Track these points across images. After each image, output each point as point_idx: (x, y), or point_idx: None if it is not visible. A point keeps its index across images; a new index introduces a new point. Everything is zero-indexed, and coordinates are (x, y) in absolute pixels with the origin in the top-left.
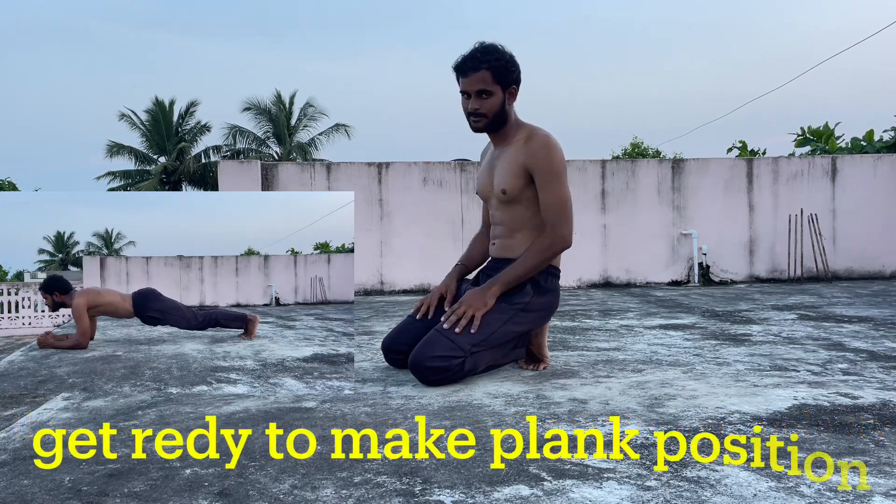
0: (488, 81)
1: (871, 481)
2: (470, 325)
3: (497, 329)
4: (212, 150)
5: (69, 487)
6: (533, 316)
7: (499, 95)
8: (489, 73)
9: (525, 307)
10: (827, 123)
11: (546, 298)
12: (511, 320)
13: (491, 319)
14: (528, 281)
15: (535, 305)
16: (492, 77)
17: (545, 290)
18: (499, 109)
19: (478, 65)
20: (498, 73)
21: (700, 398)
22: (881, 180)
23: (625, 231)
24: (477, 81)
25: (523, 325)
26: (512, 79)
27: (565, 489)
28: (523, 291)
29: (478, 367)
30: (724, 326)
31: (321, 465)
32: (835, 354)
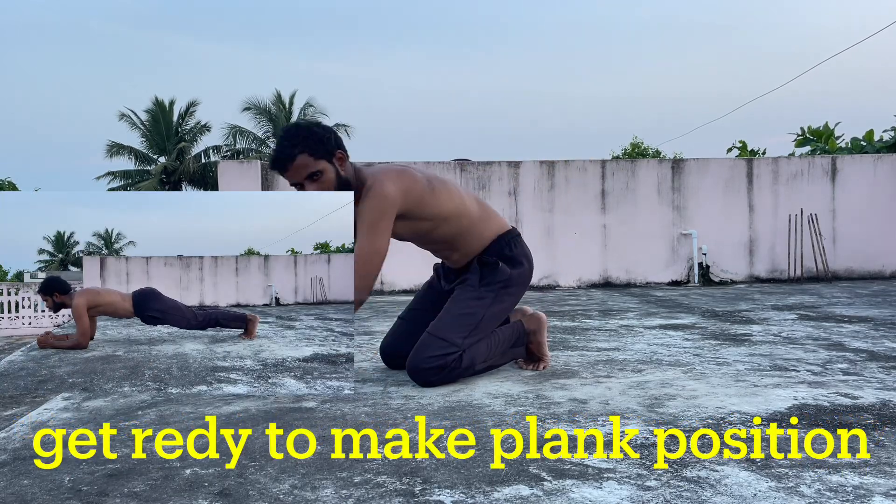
0: (311, 163)
1: (871, 481)
2: (457, 321)
3: (484, 315)
4: (212, 150)
5: (69, 487)
6: (514, 289)
7: (329, 169)
8: (307, 156)
9: (506, 283)
10: (827, 123)
11: (522, 268)
12: (496, 301)
13: (475, 307)
14: (497, 256)
15: (515, 279)
16: (312, 157)
17: (516, 258)
18: (336, 183)
19: (292, 153)
20: (315, 149)
21: (700, 398)
22: (881, 180)
23: (625, 231)
24: (300, 169)
25: (508, 301)
26: (332, 147)
27: (565, 489)
28: (499, 269)
29: (475, 361)
30: (724, 326)
31: (321, 465)
32: (835, 354)
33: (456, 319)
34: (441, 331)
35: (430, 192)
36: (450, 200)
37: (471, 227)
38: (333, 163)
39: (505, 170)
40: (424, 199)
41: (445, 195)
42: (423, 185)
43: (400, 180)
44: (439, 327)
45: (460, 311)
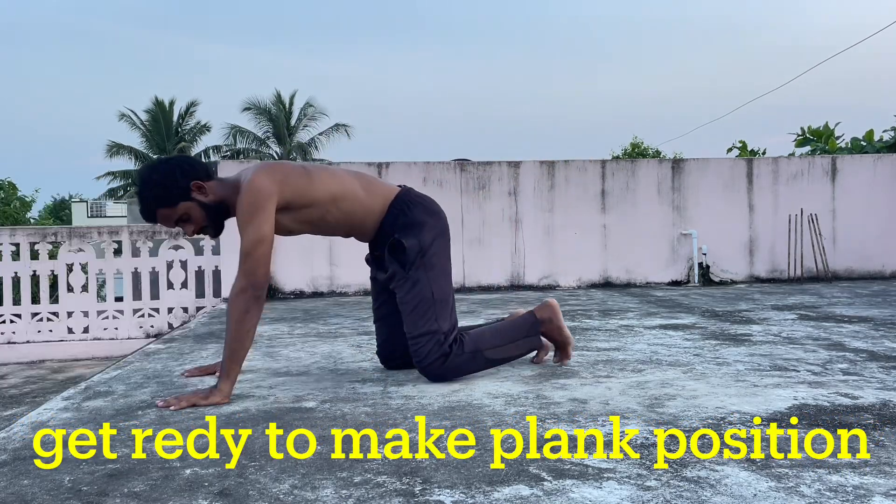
0: (171, 212)
1: (871, 481)
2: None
3: (431, 292)
4: (212, 150)
5: (69, 487)
6: (435, 249)
7: (193, 208)
8: (164, 208)
9: (423, 252)
10: (827, 123)
11: (427, 225)
12: (428, 272)
13: (419, 293)
14: (396, 229)
15: (427, 242)
16: (168, 207)
17: (415, 221)
18: (207, 213)
19: (150, 209)
20: (166, 200)
21: (700, 398)
22: (881, 180)
23: (625, 231)
24: (166, 220)
25: (439, 261)
26: (180, 188)
27: (565, 489)
28: (407, 248)
29: (481, 346)
30: (724, 326)
31: (321, 465)
32: (835, 354)
33: (415, 314)
34: (415, 329)
35: (307, 178)
36: (331, 183)
37: (359, 205)
38: (193, 198)
39: (505, 170)
40: (302, 185)
41: (326, 177)
42: (297, 173)
43: (272, 171)
44: (411, 328)
45: (412, 306)
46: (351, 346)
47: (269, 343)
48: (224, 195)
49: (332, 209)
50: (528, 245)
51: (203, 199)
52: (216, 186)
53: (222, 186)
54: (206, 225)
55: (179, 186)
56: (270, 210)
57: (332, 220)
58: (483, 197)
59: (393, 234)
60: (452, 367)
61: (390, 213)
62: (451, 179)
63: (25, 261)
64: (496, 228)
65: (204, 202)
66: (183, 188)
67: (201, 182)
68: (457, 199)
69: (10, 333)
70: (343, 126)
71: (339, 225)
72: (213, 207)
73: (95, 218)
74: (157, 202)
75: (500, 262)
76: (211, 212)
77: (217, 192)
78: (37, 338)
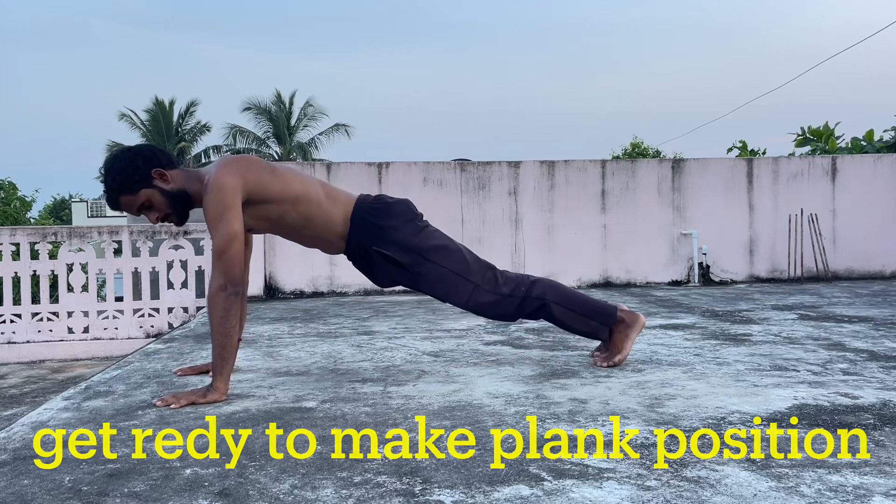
0: (133, 199)
1: (871, 481)
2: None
3: (446, 270)
4: (212, 150)
5: (69, 487)
6: (418, 239)
7: (154, 195)
8: (126, 195)
9: (410, 250)
10: (827, 123)
11: (397, 231)
12: (433, 260)
13: (437, 277)
14: (366, 237)
15: (407, 239)
16: (130, 194)
17: (387, 227)
18: (169, 201)
19: (113, 198)
20: (127, 187)
21: (700, 398)
22: (881, 180)
23: (625, 231)
24: (129, 207)
25: (431, 243)
26: (141, 174)
27: (565, 489)
28: (394, 259)
29: (547, 296)
30: (724, 326)
31: (321, 465)
32: (835, 354)
33: (451, 292)
34: (462, 298)
35: (270, 174)
36: (294, 182)
37: (318, 210)
38: (154, 185)
39: (505, 170)
40: (264, 180)
41: (290, 177)
42: (260, 168)
43: (235, 165)
44: (459, 301)
45: (442, 290)
46: (351, 346)
47: (269, 343)
48: (187, 185)
49: (290, 210)
50: (528, 245)
51: (164, 187)
52: (179, 175)
53: (186, 176)
54: (169, 213)
55: (140, 173)
56: (237, 205)
57: (290, 221)
58: (483, 197)
59: (370, 248)
60: (514, 307)
61: (358, 224)
62: (451, 179)
63: (25, 261)
64: (496, 228)
65: (165, 189)
66: (144, 175)
67: (162, 170)
68: (457, 199)
69: (10, 333)
70: (343, 126)
71: (298, 228)
72: (175, 195)
73: (95, 218)
74: (119, 189)
75: (501, 262)
76: (173, 199)
77: (180, 181)
78: (37, 338)
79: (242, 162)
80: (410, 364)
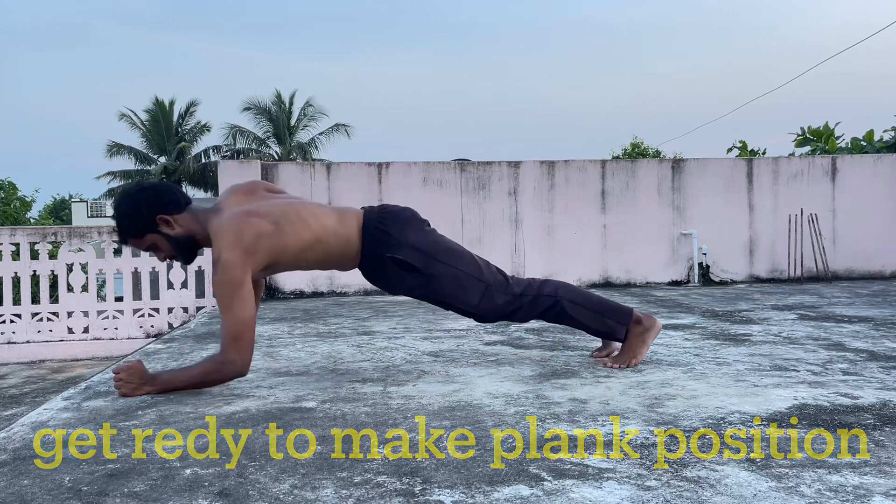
0: (140, 242)
1: (871, 481)
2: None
3: (456, 272)
4: (212, 149)
5: (69, 487)
6: (427, 243)
7: (160, 240)
8: (133, 238)
9: (422, 252)
10: (827, 123)
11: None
12: (445, 262)
13: (449, 279)
14: (382, 250)
15: (418, 243)
16: (137, 238)
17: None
18: (174, 246)
19: (122, 238)
20: (134, 232)
21: (700, 398)
22: (881, 180)
23: (625, 231)
24: (136, 246)
25: (440, 246)
26: (146, 221)
27: (565, 489)
28: (408, 263)
29: (562, 295)
30: (724, 326)
31: (321, 465)
32: (835, 354)
33: (462, 294)
34: (474, 301)
35: (277, 234)
36: (303, 230)
37: (336, 239)
38: (160, 231)
39: (505, 170)
40: (272, 245)
41: (298, 227)
42: (267, 231)
43: (240, 240)
44: (471, 304)
45: (453, 293)
46: (351, 346)
47: (269, 343)
48: (194, 230)
49: (306, 255)
50: (528, 245)
51: (169, 233)
52: (185, 219)
53: (194, 219)
54: (177, 254)
55: (144, 220)
56: (247, 283)
57: (305, 263)
58: (483, 197)
59: (383, 255)
60: (527, 304)
61: (369, 241)
62: (451, 179)
63: (25, 261)
64: (496, 228)
65: (171, 235)
66: (148, 221)
67: (167, 217)
68: (457, 199)
69: (10, 333)
70: (343, 126)
71: (314, 264)
72: (180, 241)
73: (95, 218)
74: (125, 232)
75: (501, 262)
76: (178, 244)
77: (186, 225)
78: (37, 338)
79: (251, 236)
80: (410, 364)
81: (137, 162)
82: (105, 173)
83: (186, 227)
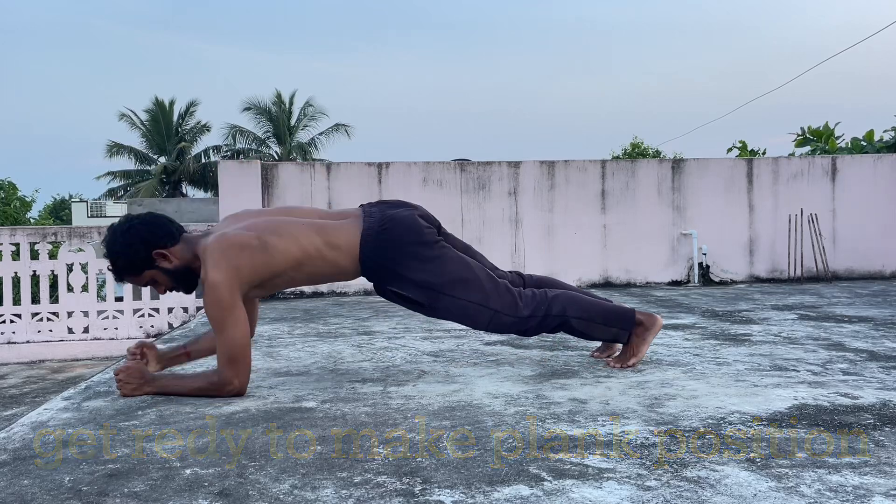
0: (138, 278)
1: (871, 481)
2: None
3: (465, 303)
4: (212, 150)
5: (69, 487)
6: (432, 271)
7: (157, 273)
8: (130, 276)
9: (427, 287)
10: (827, 123)
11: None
12: (451, 294)
13: (458, 310)
14: (382, 266)
15: (424, 274)
16: (134, 275)
17: (392, 263)
18: (173, 279)
19: (119, 277)
20: (130, 269)
21: (700, 398)
22: (881, 180)
23: (625, 231)
24: (135, 283)
25: (446, 274)
26: (142, 258)
27: (565, 489)
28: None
29: (569, 312)
30: (724, 326)
31: (321, 465)
32: (835, 354)
33: (471, 320)
34: (483, 325)
35: (264, 252)
36: (292, 248)
37: (324, 262)
38: (157, 266)
39: (505, 170)
40: (259, 263)
41: (286, 243)
42: (252, 249)
43: (226, 259)
44: (481, 327)
45: (463, 318)
46: (351, 346)
47: (269, 343)
48: (189, 259)
49: (295, 274)
50: (528, 245)
51: (167, 267)
52: (181, 250)
53: (187, 248)
54: (177, 284)
55: (141, 257)
56: (237, 303)
57: (297, 282)
58: (483, 197)
59: (386, 289)
60: (535, 325)
61: (365, 269)
62: (451, 179)
63: (25, 261)
64: (496, 228)
65: (169, 269)
66: (145, 258)
67: (163, 251)
68: (457, 199)
69: (10, 333)
70: (343, 126)
71: (307, 281)
72: (178, 273)
73: (95, 218)
74: (122, 271)
75: (501, 262)
76: (176, 277)
77: (182, 255)
78: (37, 338)
79: (234, 250)
80: (410, 364)
81: (137, 162)
82: (105, 173)
83: (182, 257)
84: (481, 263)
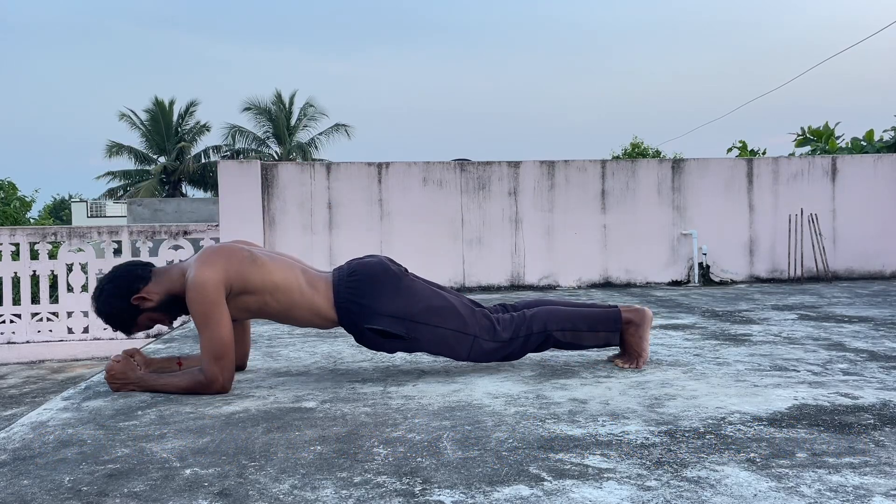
0: (140, 326)
1: (871, 481)
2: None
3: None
4: (212, 150)
5: (69, 487)
6: (404, 305)
7: (150, 314)
8: (132, 327)
9: (401, 318)
10: (827, 123)
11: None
12: (427, 323)
13: (435, 340)
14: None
15: (396, 308)
16: (133, 325)
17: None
18: (163, 309)
19: (126, 333)
20: (128, 322)
21: (700, 398)
22: (881, 180)
23: (625, 231)
24: (142, 329)
25: (419, 307)
26: (124, 309)
27: (565, 489)
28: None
29: (550, 327)
30: (725, 326)
31: (321, 465)
32: (835, 354)
33: (450, 349)
34: (462, 353)
35: (252, 263)
36: (275, 272)
37: (300, 298)
38: (144, 309)
39: (505, 170)
40: (244, 270)
41: (270, 266)
42: (241, 257)
43: (215, 257)
44: (461, 355)
45: (441, 349)
46: (351, 346)
47: (269, 343)
48: (170, 288)
49: (270, 301)
50: (528, 245)
51: (152, 305)
52: (158, 285)
53: (165, 280)
54: (165, 319)
55: (127, 310)
56: (222, 302)
57: (271, 311)
58: (483, 197)
59: (363, 328)
60: (518, 347)
61: (340, 310)
62: (451, 179)
63: (25, 261)
64: (496, 228)
65: (154, 306)
66: (129, 308)
67: (140, 295)
68: (457, 199)
69: (10, 333)
70: (343, 126)
71: (282, 315)
72: (162, 306)
73: (95, 218)
74: (122, 327)
75: (501, 262)
76: (163, 309)
77: (161, 289)
78: (37, 338)
79: (223, 252)
80: (410, 364)
81: (137, 162)
82: (105, 173)
83: (161, 288)
84: (456, 296)
